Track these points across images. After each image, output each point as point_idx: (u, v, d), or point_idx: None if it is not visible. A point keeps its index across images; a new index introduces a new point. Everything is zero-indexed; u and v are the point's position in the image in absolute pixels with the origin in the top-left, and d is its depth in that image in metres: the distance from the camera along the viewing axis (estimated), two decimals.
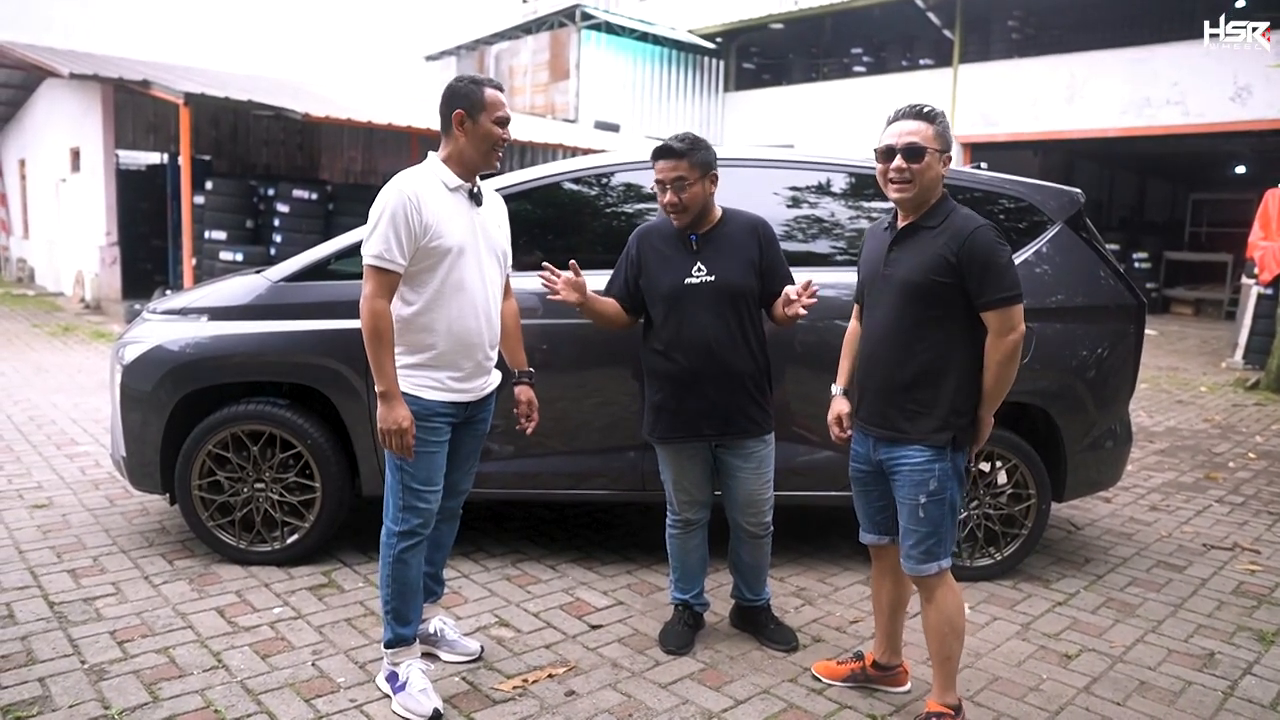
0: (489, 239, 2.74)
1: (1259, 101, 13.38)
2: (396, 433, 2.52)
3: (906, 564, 2.57)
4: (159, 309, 3.90)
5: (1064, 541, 4.34)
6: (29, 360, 8.57)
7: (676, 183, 2.87)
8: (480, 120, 2.61)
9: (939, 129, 2.49)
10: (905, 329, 2.52)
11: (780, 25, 19.52)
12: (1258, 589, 3.84)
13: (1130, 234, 17.25)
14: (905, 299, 2.51)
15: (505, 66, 20.20)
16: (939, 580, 2.55)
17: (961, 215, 2.50)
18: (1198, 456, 6.16)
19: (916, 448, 2.51)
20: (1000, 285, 2.42)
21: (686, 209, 2.90)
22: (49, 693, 2.69)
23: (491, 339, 2.77)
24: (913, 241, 2.53)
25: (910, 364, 2.52)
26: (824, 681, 2.91)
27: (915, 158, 2.45)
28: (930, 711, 2.59)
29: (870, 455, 2.65)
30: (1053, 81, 15.41)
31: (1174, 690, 2.95)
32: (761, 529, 3.12)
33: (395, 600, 2.72)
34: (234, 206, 11.75)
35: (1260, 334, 9.97)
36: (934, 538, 2.52)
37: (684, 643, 3.11)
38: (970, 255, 2.42)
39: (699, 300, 2.92)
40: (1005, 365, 2.46)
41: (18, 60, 12.73)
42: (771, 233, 3.06)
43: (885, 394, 2.57)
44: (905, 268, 2.51)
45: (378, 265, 2.51)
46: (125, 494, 4.57)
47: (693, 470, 3.04)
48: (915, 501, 2.52)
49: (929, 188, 2.50)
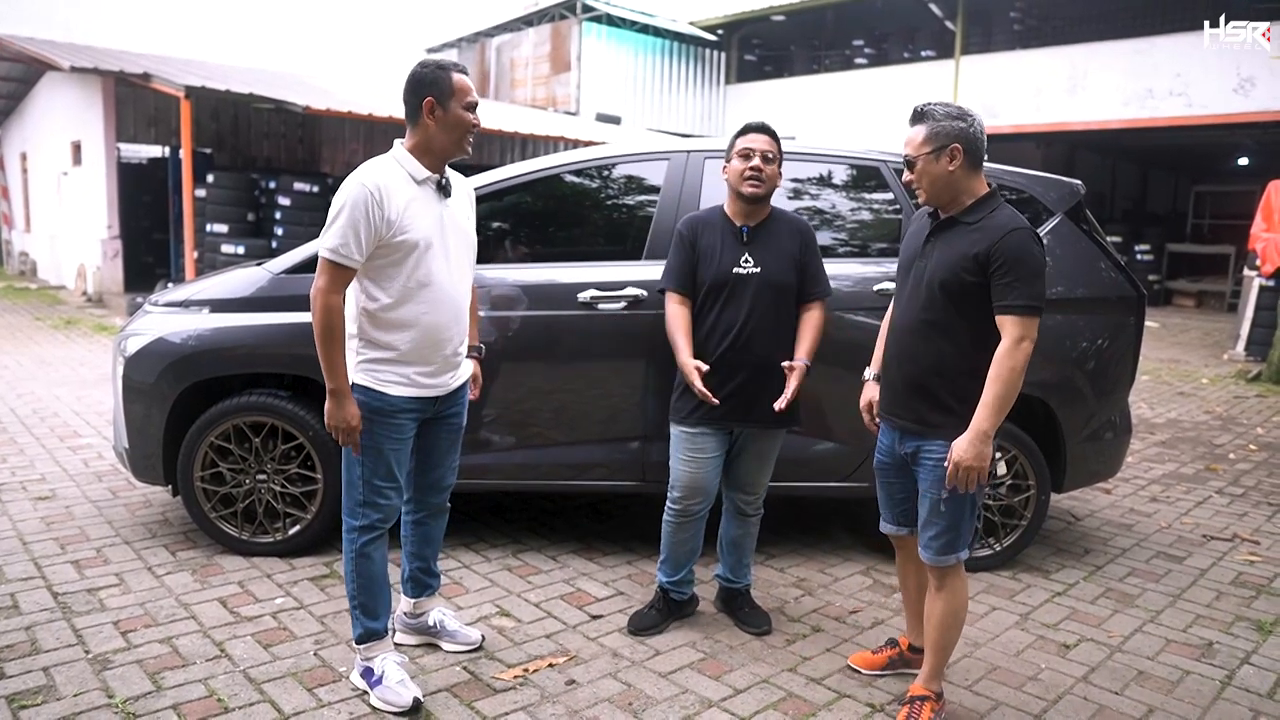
0: (459, 231, 2.67)
1: (1262, 93, 13.33)
2: (344, 430, 2.52)
3: (925, 554, 2.58)
4: (160, 301, 3.91)
5: (1063, 532, 4.35)
6: (31, 353, 8.59)
7: (766, 156, 2.97)
8: (450, 107, 2.53)
9: (931, 129, 2.45)
10: (932, 323, 2.50)
11: (782, 17, 19.45)
12: (1257, 579, 3.85)
13: (1132, 226, 17.23)
14: (932, 293, 2.49)
15: (506, 59, 20.15)
16: (955, 571, 2.57)
17: (1004, 214, 2.45)
18: (1198, 448, 6.16)
19: (939, 442, 2.50)
20: (1023, 291, 2.35)
21: (765, 182, 2.98)
22: (53, 682, 2.70)
23: (461, 334, 2.71)
24: (949, 235, 2.51)
25: (937, 358, 2.50)
26: (864, 674, 2.90)
27: (910, 169, 2.51)
28: (914, 695, 2.62)
29: (894, 447, 2.65)
30: (1055, 73, 15.36)
31: (1172, 680, 2.96)
32: (754, 509, 3.21)
33: (361, 595, 2.70)
34: (235, 199, 11.75)
35: (1262, 326, 9.97)
36: (954, 531, 2.53)
37: (647, 625, 3.15)
38: (1000, 254, 2.37)
39: (744, 291, 2.99)
40: (1015, 376, 2.35)
41: (18, 53, 12.72)
42: (813, 236, 3.15)
43: (911, 387, 2.56)
44: (937, 261, 2.50)
45: (333, 259, 2.43)
46: (128, 486, 4.58)
47: (709, 458, 3.05)
48: (938, 495, 2.51)
49: (939, 186, 2.48)
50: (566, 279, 3.63)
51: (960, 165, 2.45)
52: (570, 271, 3.64)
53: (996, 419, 2.37)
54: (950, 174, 2.46)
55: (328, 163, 15.09)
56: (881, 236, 3.84)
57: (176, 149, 12.98)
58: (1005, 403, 2.37)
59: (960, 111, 2.47)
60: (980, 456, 2.36)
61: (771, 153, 3.00)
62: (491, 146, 15.23)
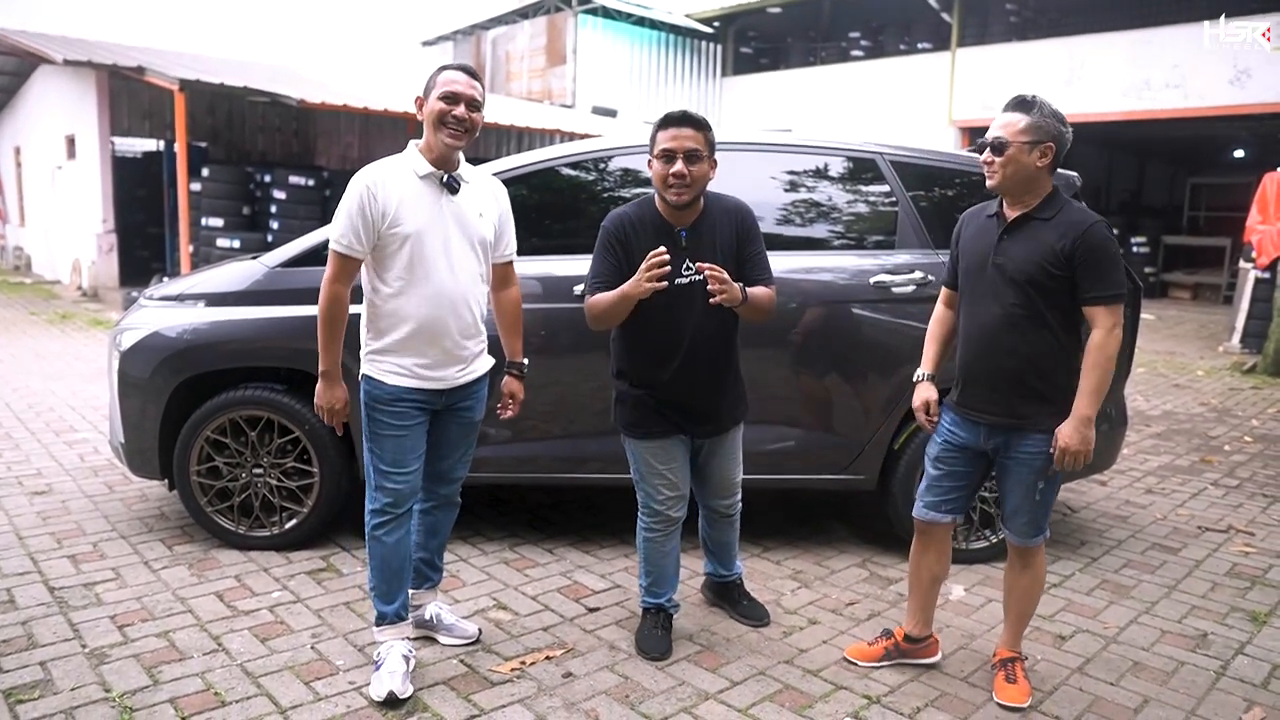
0: (463, 227, 2.68)
1: (1258, 85, 13.33)
2: (329, 411, 2.69)
3: (1015, 538, 2.72)
4: (155, 295, 3.90)
5: (1059, 524, 4.36)
6: (27, 348, 8.57)
7: (691, 154, 2.69)
8: (430, 100, 2.60)
9: (1036, 120, 2.50)
10: (1021, 319, 2.56)
11: (778, 9, 19.42)
12: (1251, 570, 3.86)
13: (1129, 218, 17.22)
14: (1021, 290, 2.54)
15: (502, 52, 20.10)
16: (1039, 550, 2.75)
17: (1076, 209, 2.55)
18: (1194, 440, 6.18)
19: (1036, 434, 2.58)
20: (1111, 281, 2.49)
21: (692, 185, 2.72)
22: (50, 676, 2.70)
23: (463, 329, 2.71)
24: (1025, 232, 2.57)
25: (1027, 353, 2.57)
26: (860, 665, 2.92)
27: (999, 150, 2.52)
28: (1004, 658, 2.80)
29: (976, 442, 2.70)
30: (1051, 64, 15.34)
31: (1167, 670, 2.97)
32: (734, 509, 3.14)
33: (375, 577, 2.77)
34: (230, 193, 11.72)
35: (1257, 318, 9.98)
36: (1043, 513, 2.68)
37: (665, 647, 2.97)
38: (1086, 249, 2.47)
39: (690, 300, 2.79)
40: (1111, 362, 2.50)
41: (11, 46, 12.67)
42: (753, 220, 2.91)
43: (1000, 382, 2.61)
44: (1020, 259, 2.55)
45: (336, 249, 2.59)
46: (124, 480, 4.58)
47: (678, 458, 2.94)
48: (1034, 484, 2.62)
49: (1021, 177, 2.52)
50: (562, 272, 3.63)
51: (1047, 164, 2.53)
52: (566, 264, 3.64)
53: (1097, 403, 2.51)
54: (1036, 170, 2.53)
55: (323, 156, 15.06)
56: (877, 229, 3.84)
57: (171, 143, 12.92)
58: (1104, 387, 2.51)
59: (1064, 116, 2.56)
60: (1085, 440, 2.50)
61: (697, 149, 2.70)
62: (487, 140, 15.20)
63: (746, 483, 3.18)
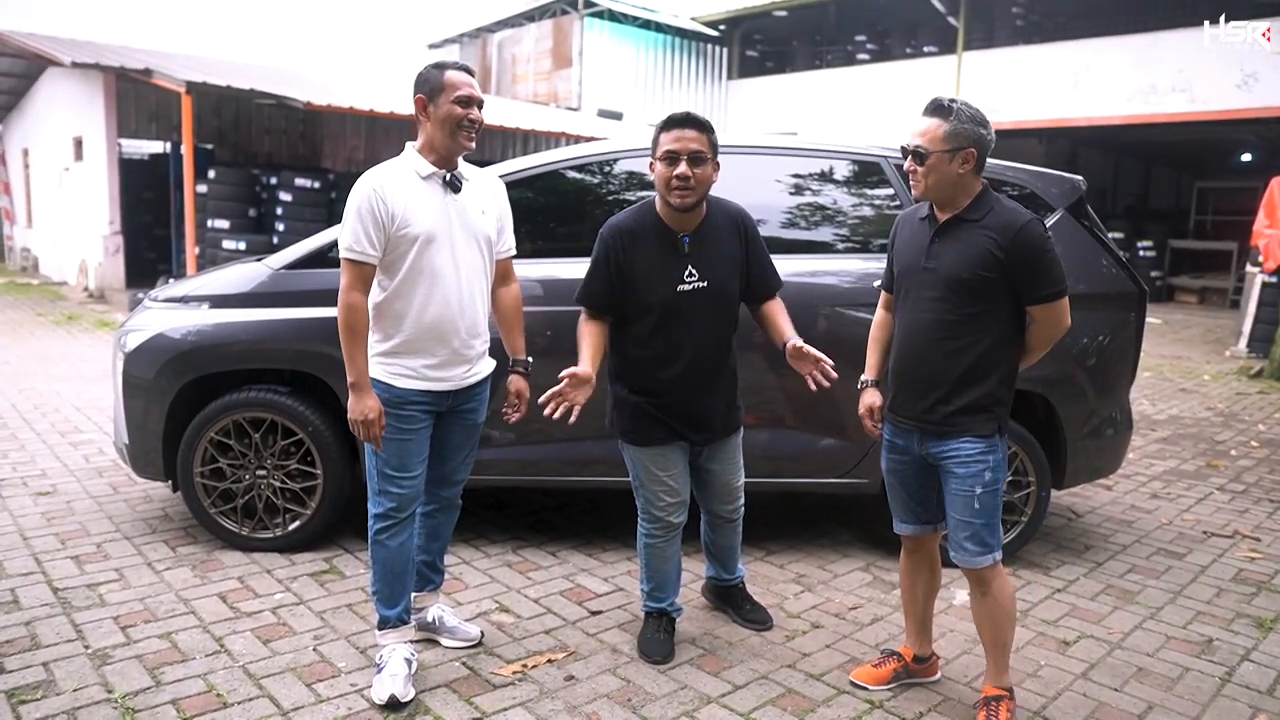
0: (467, 225, 2.69)
1: (1266, 89, 13.29)
2: (364, 423, 2.57)
3: (960, 557, 2.55)
4: (160, 297, 3.91)
5: (1064, 529, 4.35)
6: (33, 349, 8.60)
7: (695, 156, 2.66)
8: (440, 103, 2.59)
9: (954, 128, 2.41)
10: (951, 323, 2.49)
11: (784, 13, 19.42)
12: (1257, 576, 3.84)
13: (1135, 222, 17.17)
14: (951, 293, 2.47)
15: (508, 54, 20.13)
16: (994, 572, 2.56)
17: (1007, 208, 2.47)
18: (1200, 444, 6.16)
19: (969, 439, 2.50)
20: (1050, 278, 2.44)
21: (696, 188, 2.69)
22: (53, 677, 2.71)
23: (470, 327, 2.72)
24: (956, 235, 2.49)
25: (958, 358, 2.49)
26: (869, 689, 2.80)
27: (920, 160, 2.45)
28: (989, 695, 2.61)
29: (913, 449, 2.62)
30: (1057, 68, 15.32)
31: (1171, 676, 2.96)
32: (736, 514, 3.12)
33: (378, 581, 2.77)
34: (237, 195, 11.76)
35: (1264, 322, 9.94)
36: (988, 528, 2.52)
37: (667, 651, 2.96)
38: (1019, 250, 2.40)
39: (693, 308, 2.77)
40: (1045, 350, 2.57)
41: (19, 49, 12.73)
42: (753, 225, 2.92)
43: (931, 388, 2.53)
44: (950, 262, 2.47)
45: (349, 257, 2.56)
46: (128, 481, 4.59)
47: (678, 465, 2.92)
48: (970, 493, 2.50)
49: (944, 185, 2.45)
50: (568, 274, 3.62)
51: (969, 169, 2.45)
52: (572, 267, 3.63)
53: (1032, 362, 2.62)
54: (959, 176, 2.45)
55: (329, 158, 15.09)
56: (882, 232, 3.83)
57: (178, 145, 12.98)
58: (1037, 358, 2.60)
59: (983, 117, 2.46)
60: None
61: (701, 151, 2.67)
62: (493, 142, 15.22)
63: (749, 486, 3.17)
